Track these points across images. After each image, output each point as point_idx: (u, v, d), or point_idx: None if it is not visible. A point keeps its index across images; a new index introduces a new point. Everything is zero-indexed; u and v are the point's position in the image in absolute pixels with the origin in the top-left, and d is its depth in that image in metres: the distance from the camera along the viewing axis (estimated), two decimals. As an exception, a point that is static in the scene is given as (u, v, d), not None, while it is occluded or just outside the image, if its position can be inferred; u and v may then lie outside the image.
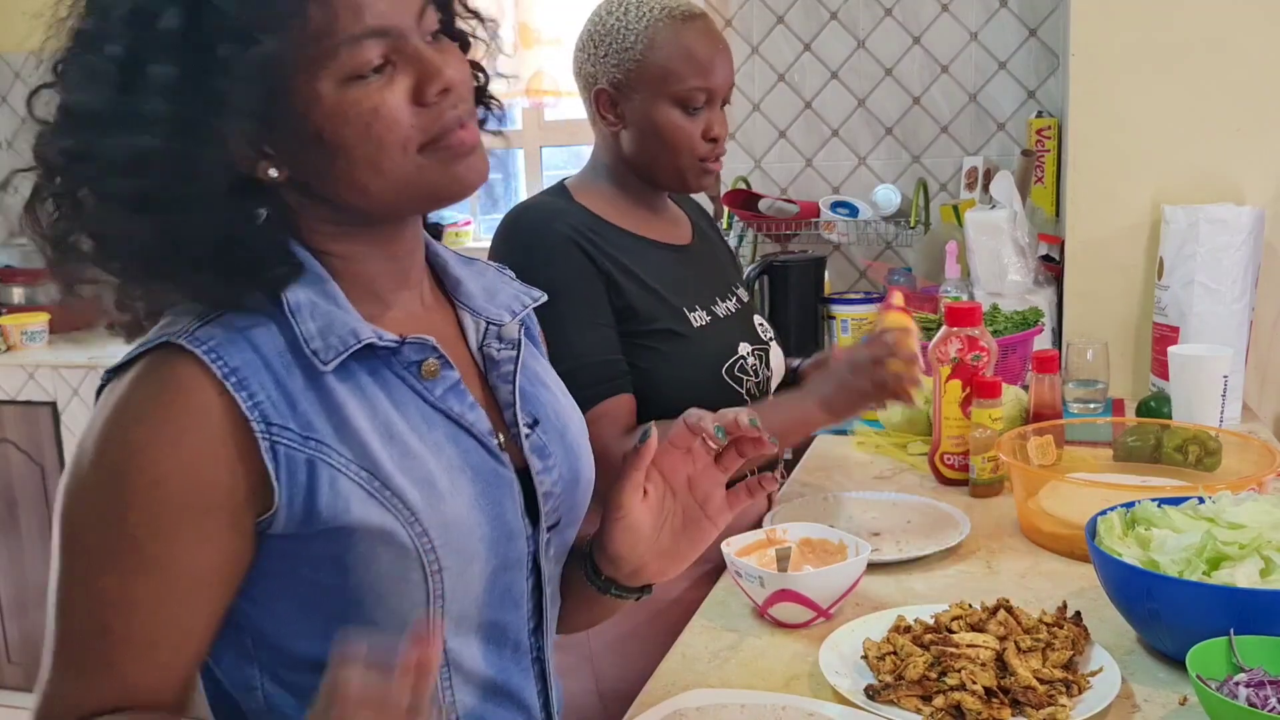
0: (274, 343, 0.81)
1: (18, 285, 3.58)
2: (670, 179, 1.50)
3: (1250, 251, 2.08)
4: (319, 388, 0.81)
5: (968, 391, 1.68)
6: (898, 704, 1.03)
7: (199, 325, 0.79)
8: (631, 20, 1.45)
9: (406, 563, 0.82)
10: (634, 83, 1.45)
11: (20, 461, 3.26)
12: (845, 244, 2.96)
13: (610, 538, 0.94)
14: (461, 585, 0.86)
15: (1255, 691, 0.93)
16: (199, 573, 0.78)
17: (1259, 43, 2.14)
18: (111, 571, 0.77)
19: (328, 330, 0.81)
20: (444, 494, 0.84)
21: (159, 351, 0.79)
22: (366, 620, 0.82)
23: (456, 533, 0.84)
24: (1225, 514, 1.16)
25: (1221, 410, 1.82)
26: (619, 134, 1.49)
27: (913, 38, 2.94)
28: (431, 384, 0.86)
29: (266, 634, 0.84)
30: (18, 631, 3.29)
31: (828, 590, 1.24)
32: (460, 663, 0.88)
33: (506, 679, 0.93)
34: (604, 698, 1.41)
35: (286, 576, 0.82)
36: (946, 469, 1.74)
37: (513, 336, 0.97)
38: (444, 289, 0.97)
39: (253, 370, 0.79)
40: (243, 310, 0.81)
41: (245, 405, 0.78)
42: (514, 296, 0.99)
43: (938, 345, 1.69)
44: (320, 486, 0.79)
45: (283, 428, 0.79)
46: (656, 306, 1.44)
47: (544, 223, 1.42)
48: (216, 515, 0.78)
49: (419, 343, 0.85)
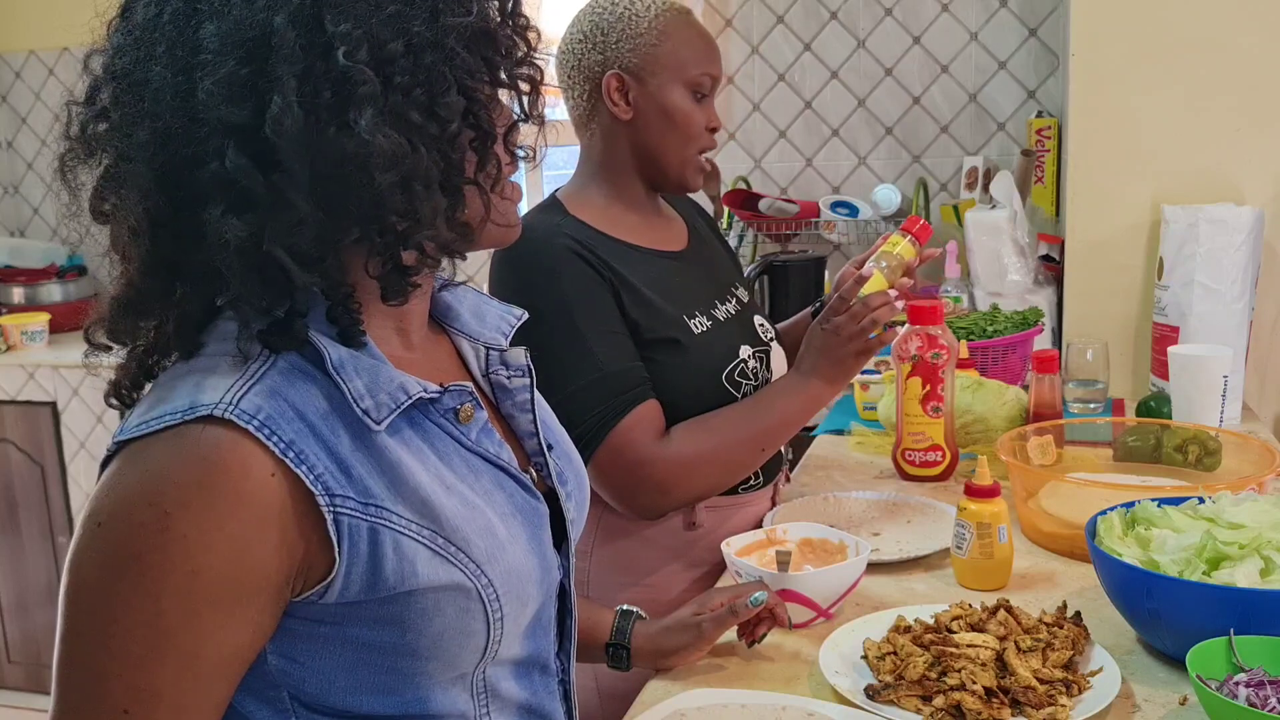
0: (315, 405, 0.75)
1: (18, 285, 3.58)
2: (674, 171, 1.49)
3: (1250, 251, 2.08)
4: (368, 447, 0.76)
5: (928, 389, 1.69)
6: (898, 704, 1.03)
7: (239, 394, 0.73)
8: (639, 9, 1.47)
9: (470, 615, 0.80)
10: (650, 67, 1.45)
11: (20, 461, 3.27)
12: (845, 244, 2.96)
13: (650, 656, 1.16)
14: (514, 627, 0.85)
15: (1255, 691, 0.93)
16: (227, 656, 0.73)
17: (1259, 43, 2.14)
18: (133, 662, 0.70)
19: (375, 387, 0.77)
20: (504, 542, 0.82)
21: (195, 425, 0.71)
22: (419, 671, 0.80)
23: (516, 579, 0.83)
24: (1225, 514, 1.17)
25: (1221, 410, 1.82)
26: (624, 125, 1.47)
27: (913, 38, 2.94)
28: (467, 428, 0.84)
29: (307, 691, 0.79)
30: (18, 631, 3.29)
31: (828, 590, 1.24)
32: (497, 690, 0.87)
33: (539, 702, 0.92)
34: (602, 696, 1.41)
35: (335, 640, 0.78)
36: (908, 465, 1.75)
37: (521, 362, 0.95)
38: (431, 314, 0.94)
39: (305, 440, 0.73)
40: (294, 356, 0.76)
41: (309, 480, 0.72)
42: (499, 316, 0.98)
43: (899, 343, 1.70)
44: (384, 553, 0.75)
45: (344, 497, 0.74)
46: (656, 317, 1.43)
47: (543, 241, 1.41)
48: (256, 599, 0.73)
49: (458, 390, 0.83)
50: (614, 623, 1.17)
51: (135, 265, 0.77)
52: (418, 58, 0.73)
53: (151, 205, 0.74)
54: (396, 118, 0.73)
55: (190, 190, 0.73)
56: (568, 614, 0.97)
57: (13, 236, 3.87)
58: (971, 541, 1.30)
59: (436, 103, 0.74)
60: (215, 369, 0.75)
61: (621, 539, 1.47)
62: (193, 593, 0.70)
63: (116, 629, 0.70)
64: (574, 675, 0.99)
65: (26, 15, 3.68)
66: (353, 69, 0.71)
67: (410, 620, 0.77)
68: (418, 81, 0.74)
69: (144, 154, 0.73)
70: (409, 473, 0.77)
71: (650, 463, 1.36)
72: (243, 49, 0.71)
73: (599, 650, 1.17)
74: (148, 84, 0.73)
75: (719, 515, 1.50)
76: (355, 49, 0.71)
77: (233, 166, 0.71)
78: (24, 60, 3.75)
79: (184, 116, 0.72)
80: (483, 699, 0.86)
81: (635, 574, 1.47)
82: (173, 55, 0.72)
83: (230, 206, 0.72)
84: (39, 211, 3.84)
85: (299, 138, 0.71)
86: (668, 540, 1.48)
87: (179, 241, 0.75)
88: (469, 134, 0.77)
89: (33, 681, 3.26)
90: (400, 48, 0.73)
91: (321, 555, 0.74)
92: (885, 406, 1.93)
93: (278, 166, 0.71)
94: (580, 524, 0.99)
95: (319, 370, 0.77)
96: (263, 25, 0.71)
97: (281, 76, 0.70)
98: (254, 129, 0.71)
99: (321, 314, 0.78)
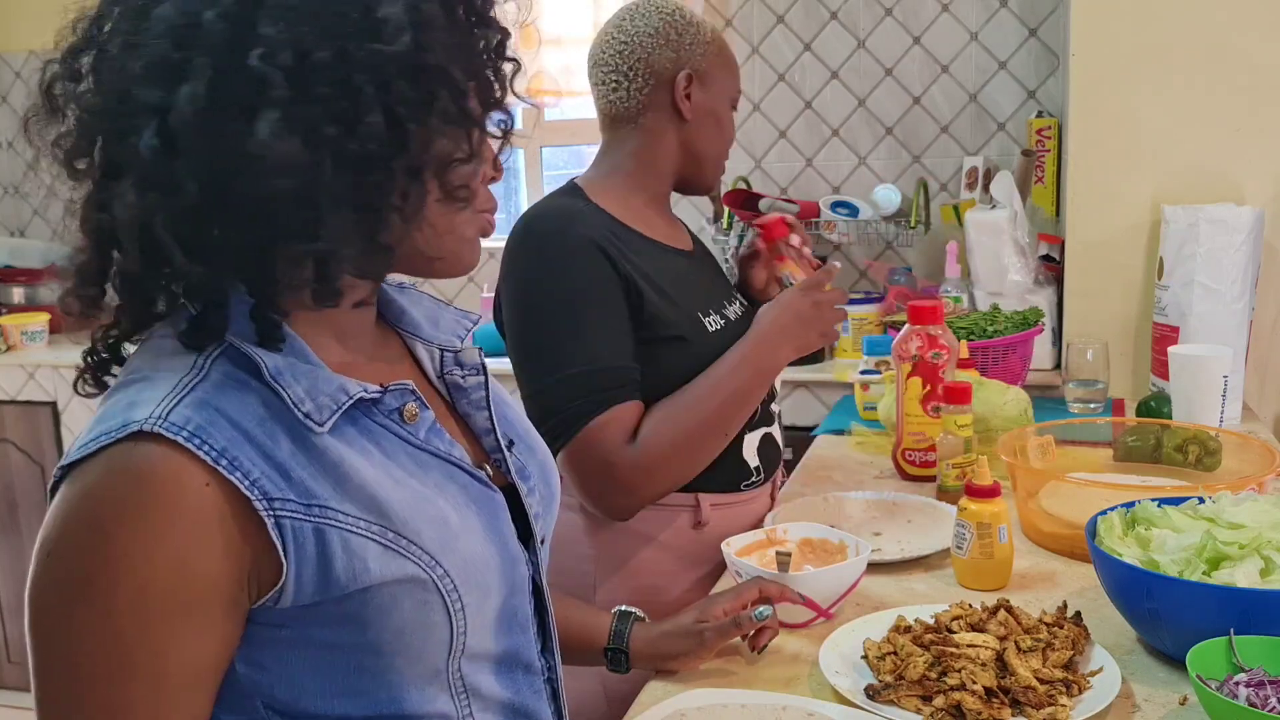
0: (251, 412, 0.76)
1: (18, 285, 3.58)
2: (709, 172, 1.56)
3: (1250, 251, 2.08)
4: (309, 450, 0.77)
5: (928, 389, 1.69)
6: (898, 704, 1.03)
7: (169, 407, 0.73)
8: (699, 19, 1.53)
9: (429, 607, 0.80)
10: (713, 73, 1.52)
11: (20, 461, 3.27)
12: (845, 244, 2.96)
13: (649, 660, 1.16)
14: (480, 619, 0.85)
15: (1255, 691, 0.93)
16: (194, 666, 0.74)
17: (1259, 43, 2.14)
18: (102, 681, 0.71)
19: (315, 390, 0.78)
20: (457, 531, 0.83)
21: (126, 443, 0.72)
22: (386, 668, 0.80)
23: (474, 568, 0.83)
24: (1225, 514, 1.17)
25: (1221, 410, 1.82)
26: (679, 123, 1.51)
27: (913, 38, 2.94)
28: (414, 427, 0.85)
29: (279, 698, 0.80)
30: (18, 631, 3.29)
31: (828, 590, 1.24)
32: (478, 690, 0.87)
33: (523, 701, 0.92)
34: (609, 698, 1.41)
35: (299, 643, 0.78)
36: (908, 465, 1.75)
37: (475, 361, 0.96)
38: (384, 318, 0.95)
39: (239, 447, 0.74)
40: (228, 369, 0.77)
41: (244, 486, 0.73)
42: (455, 321, 0.98)
43: (899, 343, 1.70)
44: (333, 552, 0.75)
45: (284, 500, 0.74)
46: (673, 312, 1.44)
47: (562, 227, 1.41)
48: (209, 608, 0.73)
49: (400, 389, 0.84)
50: (612, 625, 1.17)
51: (82, 230, 0.79)
52: (347, 74, 0.74)
53: (92, 171, 0.77)
54: (306, 127, 0.73)
55: (114, 161, 0.75)
56: (545, 611, 0.96)
57: (13, 236, 3.87)
58: (971, 541, 1.30)
59: (358, 120, 0.75)
60: (151, 383, 0.76)
61: (628, 540, 1.47)
62: (145, 607, 0.71)
63: (80, 652, 0.71)
64: (561, 674, 0.99)
65: (26, 15, 3.68)
66: (266, 71, 0.72)
67: (369, 617, 0.78)
68: (341, 96, 0.74)
69: (95, 121, 0.76)
70: (353, 470, 0.78)
71: (616, 465, 1.36)
72: (174, 34, 0.73)
73: (597, 654, 1.17)
74: (105, 55, 0.75)
75: (723, 513, 1.50)
76: (276, 52, 0.72)
77: (143, 145, 0.73)
78: (24, 60, 3.75)
79: (119, 91, 0.74)
80: (463, 698, 0.86)
81: (643, 575, 1.47)
82: (129, 31, 0.75)
83: (135, 182, 0.74)
84: (39, 211, 3.84)
85: (200, 127, 0.72)
86: (675, 540, 1.48)
87: (105, 210, 0.77)
88: (396, 159, 0.77)
89: (33, 681, 3.27)
90: (327, 59, 0.73)
91: (269, 560, 0.74)
92: (885, 406, 1.93)
93: (181, 152, 0.73)
94: (547, 519, 0.98)
95: (255, 379, 0.77)
96: (197, 15, 0.73)
97: (198, 66, 0.72)
98: (170, 112, 0.73)
99: (243, 314, 0.78)
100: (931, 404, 1.70)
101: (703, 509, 1.47)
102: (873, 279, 3.01)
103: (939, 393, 1.68)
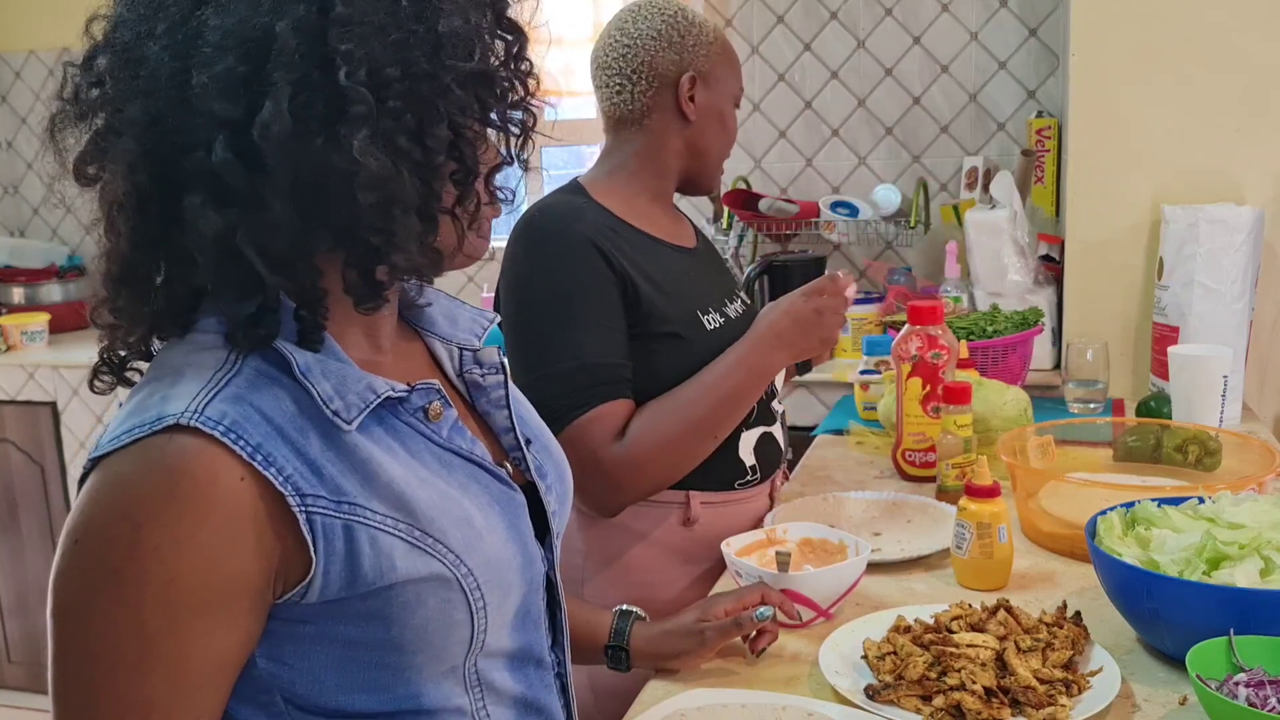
0: (283, 409, 0.76)
1: (18, 285, 3.58)
2: (712, 172, 1.57)
3: (1250, 251, 2.08)
4: (339, 447, 0.77)
5: (928, 389, 1.69)
6: (898, 704, 1.03)
7: (204, 401, 0.73)
8: (701, 19, 1.54)
9: (452, 605, 0.80)
10: (716, 74, 1.53)
11: (20, 461, 3.27)
12: (845, 244, 2.96)
13: (649, 659, 1.16)
14: (500, 617, 0.86)
15: (1255, 691, 0.93)
16: (214, 662, 0.74)
17: (1259, 43, 2.14)
18: (122, 673, 0.71)
19: (343, 389, 0.78)
20: (481, 531, 0.83)
21: (162, 436, 0.72)
22: (406, 665, 0.81)
23: (497, 568, 0.84)
24: (1225, 514, 1.17)
25: (1221, 410, 1.82)
26: (683, 124, 1.52)
27: (913, 38, 2.94)
28: (437, 425, 0.85)
29: (299, 693, 0.80)
30: (18, 631, 3.29)
31: (828, 590, 1.24)
32: (492, 685, 0.88)
33: (535, 695, 0.93)
34: (597, 693, 1.41)
35: (321, 639, 0.78)
36: (908, 465, 1.75)
37: (494, 360, 0.97)
38: (401, 315, 0.95)
39: (273, 443, 0.74)
40: (261, 359, 0.77)
41: (278, 482, 0.73)
42: (472, 319, 0.99)
43: (899, 343, 1.70)
44: (361, 549, 0.76)
45: (316, 496, 0.75)
46: (671, 308, 1.44)
47: (562, 223, 1.42)
48: (237, 604, 0.73)
49: (425, 388, 0.84)
50: (612, 624, 1.17)
51: (124, 239, 0.78)
52: (413, 87, 0.75)
53: (138, 181, 0.75)
54: (386, 141, 0.74)
55: (174, 173, 0.74)
56: (558, 607, 0.97)
57: (13, 236, 3.87)
58: (971, 541, 1.30)
59: (426, 132, 0.76)
60: (184, 377, 0.76)
61: (619, 536, 1.47)
62: (172, 602, 0.70)
63: (103, 643, 0.71)
64: (570, 670, 1.00)
65: (26, 15, 3.68)
66: (351, 88, 0.72)
67: (393, 614, 0.78)
68: (409, 109, 0.75)
69: (133, 130, 0.74)
70: (381, 468, 0.78)
71: (602, 461, 1.36)
72: (243, 48, 0.72)
73: (598, 652, 1.17)
74: (144, 61, 0.74)
75: (716, 512, 1.50)
76: (355, 69, 0.73)
77: (218, 160, 0.72)
78: (24, 60, 3.75)
79: (177, 101, 0.73)
80: (478, 693, 0.87)
81: (633, 572, 1.48)
82: (172, 38, 0.74)
83: (210, 197, 0.73)
84: (39, 211, 3.84)
85: (285, 144, 0.72)
86: (665, 537, 1.48)
87: (162, 221, 0.76)
88: (453, 166, 0.79)
89: (33, 681, 3.26)
90: (397, 74, 0.74)
91: (298, 556, 0.75)
92: (885, 406, 1.93)
93: (261, 168, 0.72)
94: (563, 516, 0.99)
95: (286, 375, 0.78)
96: (265, 29, 0.72)
97: (277, 82, 0.71)
98: (244, 126, 0.72)
99: (289, 314, 0.79)
100: (931, 404, 1.70)
101: (692, 506, 1.47)
102: (872, 279, 3.01)
103: (939, 393, 1.68)
